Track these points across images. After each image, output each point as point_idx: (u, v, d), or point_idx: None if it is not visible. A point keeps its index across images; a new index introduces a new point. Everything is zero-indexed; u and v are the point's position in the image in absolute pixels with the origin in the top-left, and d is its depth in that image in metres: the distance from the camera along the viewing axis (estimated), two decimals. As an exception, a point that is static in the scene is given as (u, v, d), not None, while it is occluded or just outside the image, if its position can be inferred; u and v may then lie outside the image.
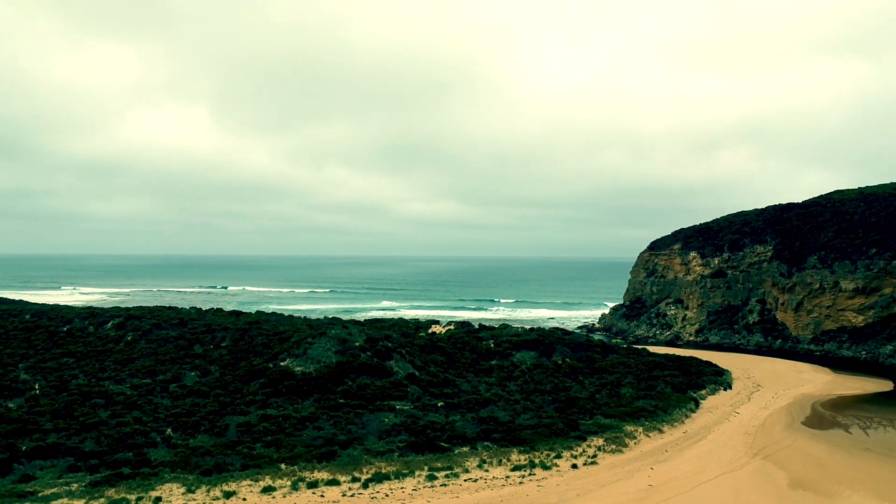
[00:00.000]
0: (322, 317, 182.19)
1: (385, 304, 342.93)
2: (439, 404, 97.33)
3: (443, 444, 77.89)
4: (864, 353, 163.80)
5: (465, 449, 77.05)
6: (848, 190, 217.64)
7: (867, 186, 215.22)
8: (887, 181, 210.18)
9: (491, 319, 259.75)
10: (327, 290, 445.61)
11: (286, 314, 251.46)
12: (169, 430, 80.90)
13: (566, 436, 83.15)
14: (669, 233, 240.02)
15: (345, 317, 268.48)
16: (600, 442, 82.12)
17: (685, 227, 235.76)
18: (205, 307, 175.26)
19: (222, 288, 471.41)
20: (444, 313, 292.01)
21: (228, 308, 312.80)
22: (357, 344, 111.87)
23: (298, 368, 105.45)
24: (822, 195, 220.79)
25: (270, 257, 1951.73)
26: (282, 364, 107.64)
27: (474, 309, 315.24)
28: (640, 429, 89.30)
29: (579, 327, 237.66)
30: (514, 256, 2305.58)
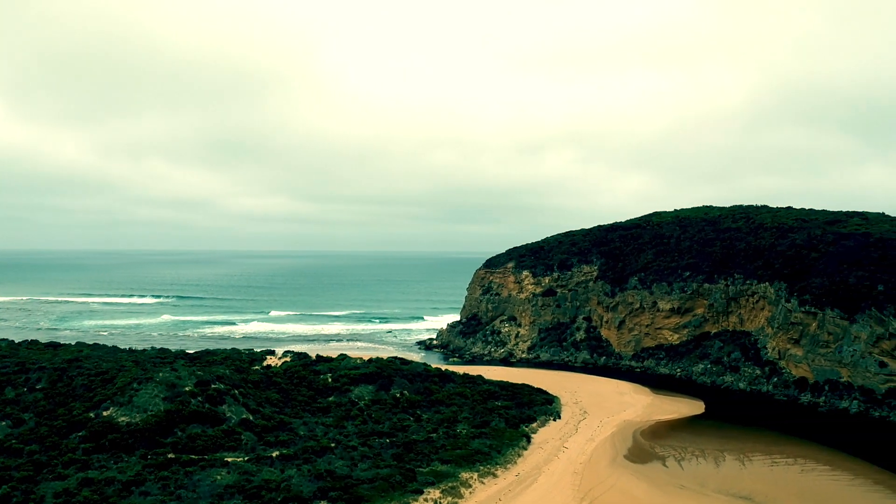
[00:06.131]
0: (149, 347, 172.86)
1: (217, 317, 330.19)
2: (274, 454, 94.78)
3: (278, 508, 75.88)
4: (679, 370, 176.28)
5: (301, 513, 75.44)
6: (665, 212, 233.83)
7: (682, 209, 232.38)
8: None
9: (330, 335, 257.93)
10: (151, 301, 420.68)
11: (106, 335, 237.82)
12: (-29, 507, 73.66)
13: (404, 489, 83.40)
14: (504, 250, 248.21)
15: (171, 334, 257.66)
16: (437, 494, 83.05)
17: (518, 245, 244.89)
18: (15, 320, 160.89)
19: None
20: (281, 327, 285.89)
21: (43, 322, 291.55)
22: (187, 389, 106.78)
23: (123, 419, 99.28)
24: (642, 216, 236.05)
25: (92, 252, 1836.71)
26: (105, 414, 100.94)
27: (313, 323, 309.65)
28: (476, 474, 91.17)
29: (418, 343, 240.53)
30: (350, 251, 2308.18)
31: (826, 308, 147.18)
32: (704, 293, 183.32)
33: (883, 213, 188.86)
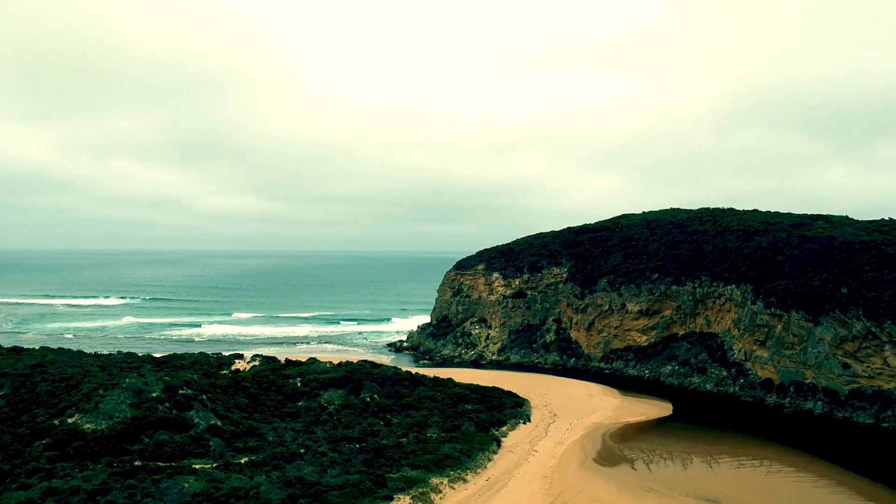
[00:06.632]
0: (116, 351, 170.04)
1: (183, 319, 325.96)
2: (243, 461, 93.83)
3: (246, 516, 75.08)
4: (647, 372, 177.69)
5: (270, 521, 74.72)
6: (633, 215, 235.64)
7: (650, 211, 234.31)
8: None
9: (298, 338, 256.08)
10: (117, 302, 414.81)
11: (71, 339, 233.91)
12: (-71, 519, 71.86)
13: (374, 495, 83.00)
14: (474, 252, 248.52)
15: (136, 337, 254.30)
16: (407, 500, 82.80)
17: (489, 246, 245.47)
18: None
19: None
20: (249, 329, 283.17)
21: (4, 325, 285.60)
22: (154, 395, 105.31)
23: (89, 426, 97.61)
24: (611, 218, 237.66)
25: (55, 252, 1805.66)
26: (69, 421, 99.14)
27: (281, 325, 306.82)
28: (446, 480, 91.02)
29: (388, 345, 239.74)
30: (320, 251, 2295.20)
31: (791, 310, 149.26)
32: (672, 295, 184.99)
33: (846, 217, 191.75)
